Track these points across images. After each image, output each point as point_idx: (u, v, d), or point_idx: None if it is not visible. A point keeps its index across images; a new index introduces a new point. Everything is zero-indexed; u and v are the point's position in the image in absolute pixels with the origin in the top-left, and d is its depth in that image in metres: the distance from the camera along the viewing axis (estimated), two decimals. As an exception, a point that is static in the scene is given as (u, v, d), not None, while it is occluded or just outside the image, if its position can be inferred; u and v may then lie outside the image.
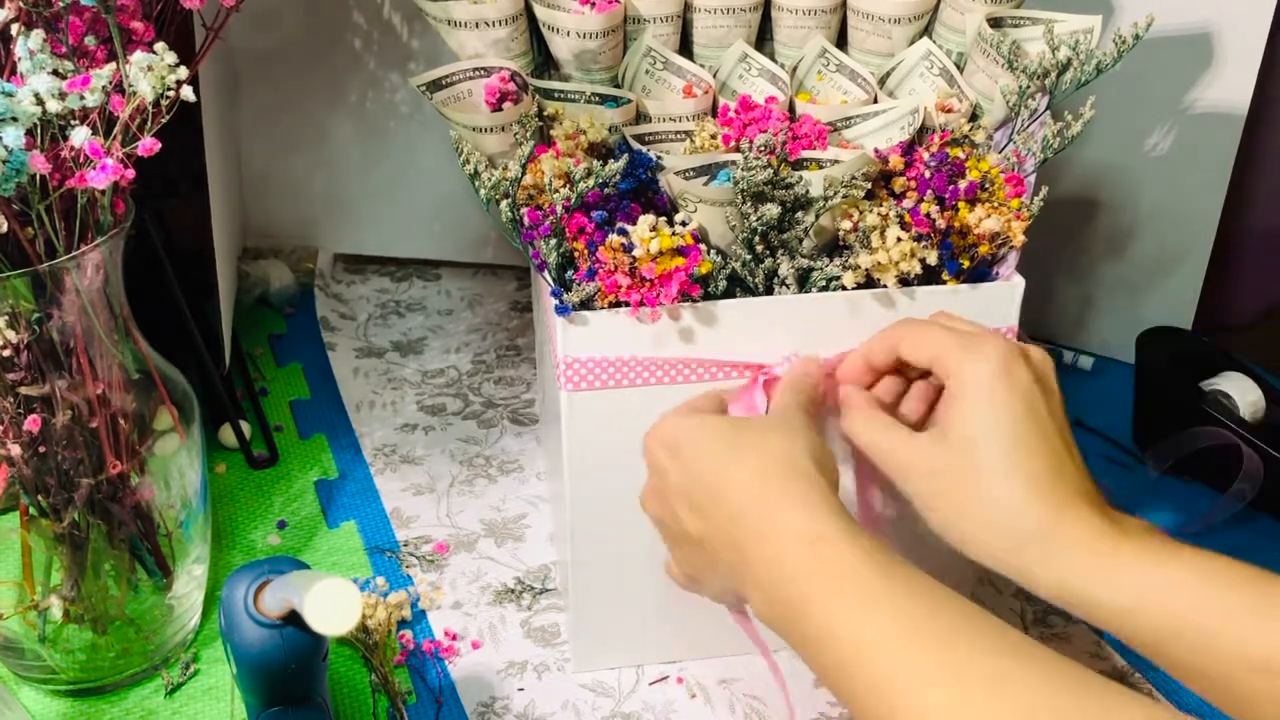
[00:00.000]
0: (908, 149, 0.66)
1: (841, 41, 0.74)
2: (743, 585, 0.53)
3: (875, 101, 0.71)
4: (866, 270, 0.62)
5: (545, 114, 0.69)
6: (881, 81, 0.73)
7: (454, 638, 0.75)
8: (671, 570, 0.60)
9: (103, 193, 0.60)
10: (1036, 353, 0.58)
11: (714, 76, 0.73)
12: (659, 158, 0.64)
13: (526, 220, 0.61)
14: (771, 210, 0.61)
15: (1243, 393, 0.88)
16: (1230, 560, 0.51)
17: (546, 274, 0.62)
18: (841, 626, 0.47)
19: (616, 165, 0.61)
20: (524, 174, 0.61)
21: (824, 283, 0.63)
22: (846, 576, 0.48)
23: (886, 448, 0.58)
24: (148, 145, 0.57)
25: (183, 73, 0.57)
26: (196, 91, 0.59)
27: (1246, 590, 0.50)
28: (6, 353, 0.60)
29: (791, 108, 0.71)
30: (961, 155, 0.66)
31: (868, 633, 0.47)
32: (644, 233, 0.59)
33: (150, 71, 0.56)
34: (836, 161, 0.64)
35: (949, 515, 0.55)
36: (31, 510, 0.65)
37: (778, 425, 0.56)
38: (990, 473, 0.54)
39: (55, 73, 0.58)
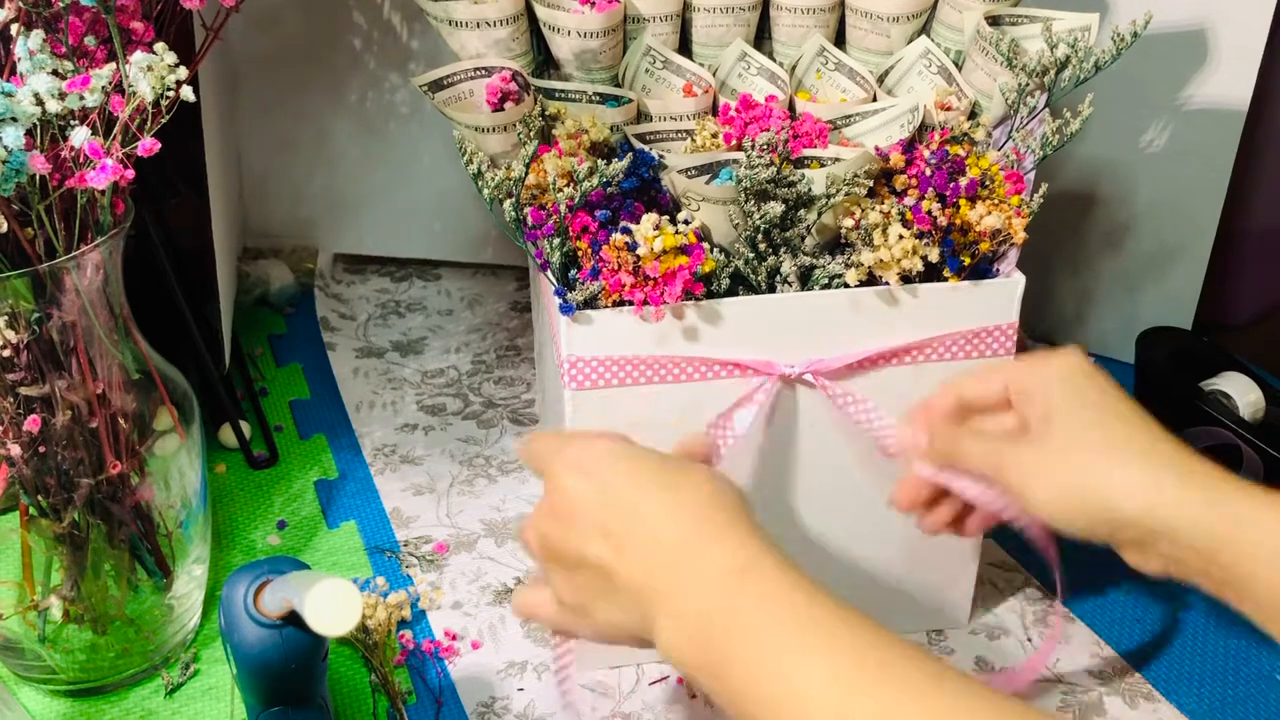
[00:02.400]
0: (908, 147, 0.66)
1: (840, 40, 0.75)
2: (652, 617, 0.52)
3: (874, 100, 0.71)
4: (869, 268, 0.62)
5: (547, 113, 0.69)
6: (880, 80, 0.73)
7: (454, 638, 0.75)
8: (539, 608, 0.57)
9: (103, 193, 0.60)
10: None
11: (713, 75, 0.73)
12: (661, 156, 0.64)
13: (530, 220, 0.61)
14: (774, 208, 0.61)
15: (1243, 393, 0.88)
16: None
17: (550, 273, 0.62)
18: (771, 656, 0.46)
19: (620, 164, 0.61)
20: (527, 173, 0.61)
21: (826, 280, 0.63)
22: (779, 605, 0.48)
23: (997, 455, 0.56)
24: (148, 145, 0.57)
25: (183, 73, 0.57)
26: (196, 91, 0.59)
27: None
28: (6, 353, 0.60)
29: (791, 106, 0.71)
30: (961, 153, 0.66)
31: (801, 663, 0.46)
32: (647, 231, 0.59)
33: (150, 71, 0.56)
34: (838, 160, 0.64)
35: (1071, 489, 0.54)
36: (31, 510, 0.65)
37: (693, 462, 0.56)
38: (1117, 432, 0.54)
39: (55, 73, 0.58)
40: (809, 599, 0.48)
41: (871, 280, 0.63)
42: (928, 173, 0.64)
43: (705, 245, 0.62)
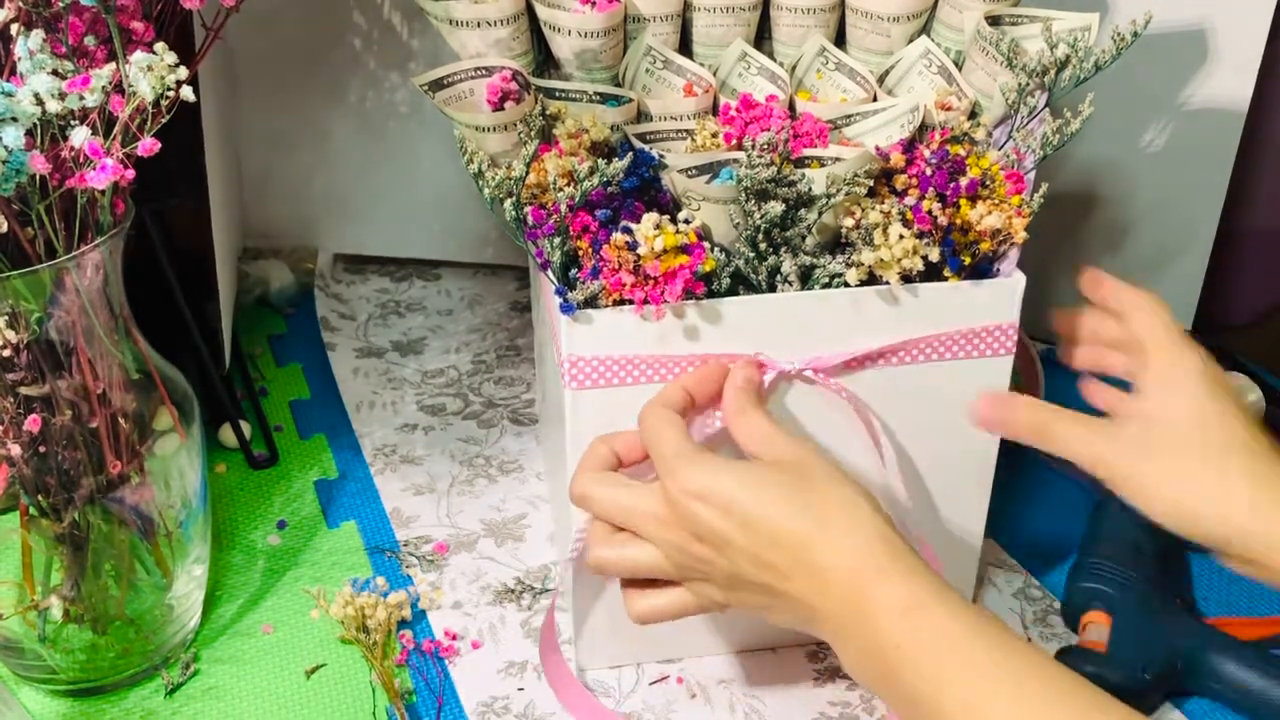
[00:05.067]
0: (908, 146, 0.67)
1: (840, 40, 0.75)
2: (828, 638, 0.55)
3: (874, 99, 0.71)
4: (869, 267, 0.62)
5: (547, 113, 0.69)
6: (880, 79, 0.73)
7: (454, 638, 0.75)
8: (666, 611, 0.61)
9: (103, 193, 0.60)
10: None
11: (714, 75, 0.73)
12: (661, 156, 0.64)
13: (530, 219, 0.61)
14: (774, 208, 0.61)
15: (1243, 393, 0.88)
16: None
17: (550, 273, 0.62)
18: (944, 692, 0.49)
19: (620, 164, 0.61)
20: (528, 173, 0.61)
21: (827, 280, 0.63)
22: (946, 643, 0.50)
23: (1094, 447, 0.60)
24: (148, 145, 0.57)
25: (183, 73, 0.57)
26: (196, 91, 0.59)
27: None
28: (6, 353, 0.60)
29: (791, 106, 0.71)
30: (962, 153, 0.66)
31: (972, 698, 0.49)
32: (648, 231, 0.59)
33: (150, 71, 0.56)
34: (839, 159, 0.64)
35: (1181, 496, 0.57)
36: (31, 510, 0.65)
37: (824, 473, 0.56)
38: (1220, 443, 0.57)
39: (55, 73, 0.58)
40: (974, 634, 0.50)
41: (872, 280, 0.63)
42: (928, 172, 0.64)
43: (706, 245, 0.62)
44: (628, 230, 0.60)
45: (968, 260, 0.63)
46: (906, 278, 0.63)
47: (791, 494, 0.55)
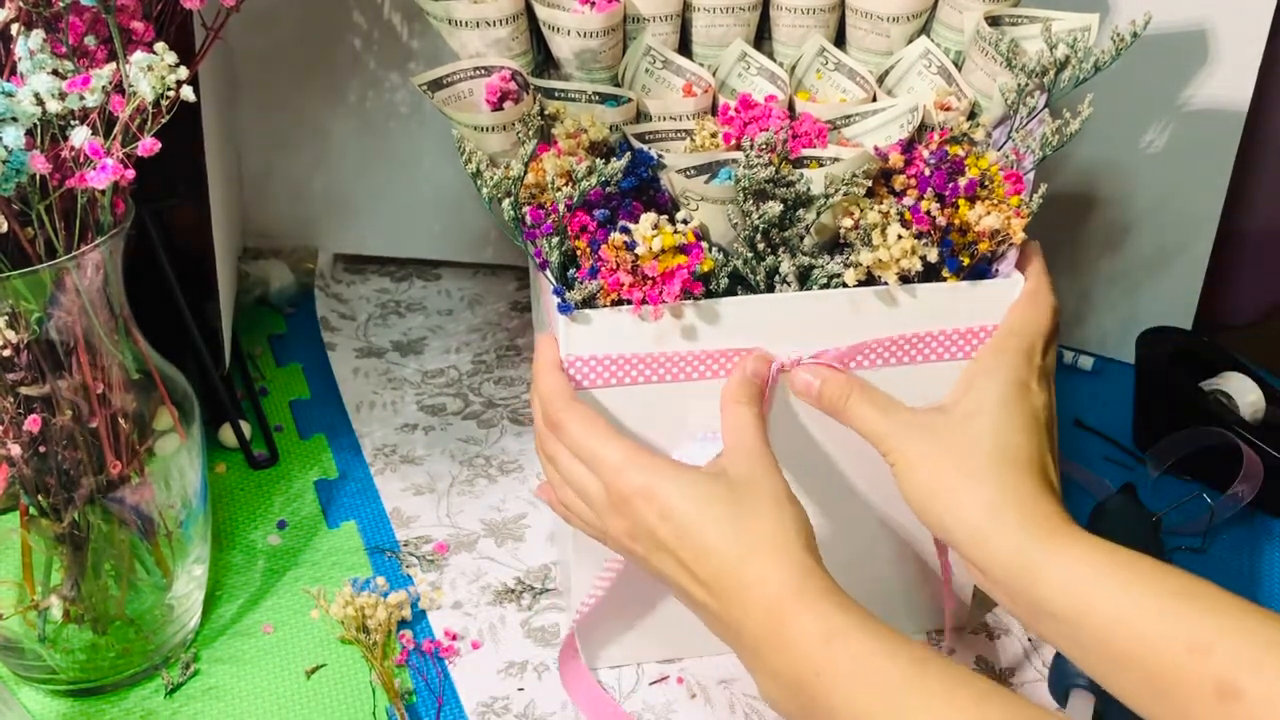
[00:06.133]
0: (907, 147, 0.67)
1: (840, 40, 0.75)
2: (746, 661, 0.55)
3: (874, 100, 0.71)
4: (867, 268, 0.62)
5: (546, 113, 0.69)
6: (880, 80, 0.73)
7: (454, 638, 0.75)
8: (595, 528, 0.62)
9: (103, 193, 0.60)
10: (1049, 363, 0.63)
11: (713, 75, 0.73)
12: (660, 156, 0.64)
13: (529, 219, 0.61)
14: (773, 208, 0.61)
15: (1243, 393, 0.88)
16: (1153, 559, 0.54)
17: (549, 272, 0.62)
18: (863, 712, 0.50)
19: (619, 164, 0.61)
20: (526, 173, 0.61)
21: (825, 280, 0.63)
22: (868, 668, 0.51)
23: (880, 429, 0.61)
24: (148, 145, 0.57)
25: (183, 73, 0.57)
26: (196, 91, 0.59)
27: (1170, 580, 0.53)
28: (6, 353, 0.60)
29: (791, 106, 0.71)
30: (961, 153, 0.66)
31: (887, 715, 0.49)
32: (646, 231, 0.60)
33: (150, 71, 0.57)
34: (837, 160, 0.64)
35: (930, 481, 0.59)
36: (31, 510, 0.65)
37: (767, 499, 0.57)
38: (985, 446, 0.58)
39: (55, 73, 0.58)
40: (896, 656, 0.51)
41: (870, 280, 0.63)
42: (927, 173, 0.64)
43: (704, 245, 0.62)
44: (626, 230, 0.61)
45: (966, 261, 0.63)
46: (905, 278, 0.63)
47: (728, 512, 0.56)
